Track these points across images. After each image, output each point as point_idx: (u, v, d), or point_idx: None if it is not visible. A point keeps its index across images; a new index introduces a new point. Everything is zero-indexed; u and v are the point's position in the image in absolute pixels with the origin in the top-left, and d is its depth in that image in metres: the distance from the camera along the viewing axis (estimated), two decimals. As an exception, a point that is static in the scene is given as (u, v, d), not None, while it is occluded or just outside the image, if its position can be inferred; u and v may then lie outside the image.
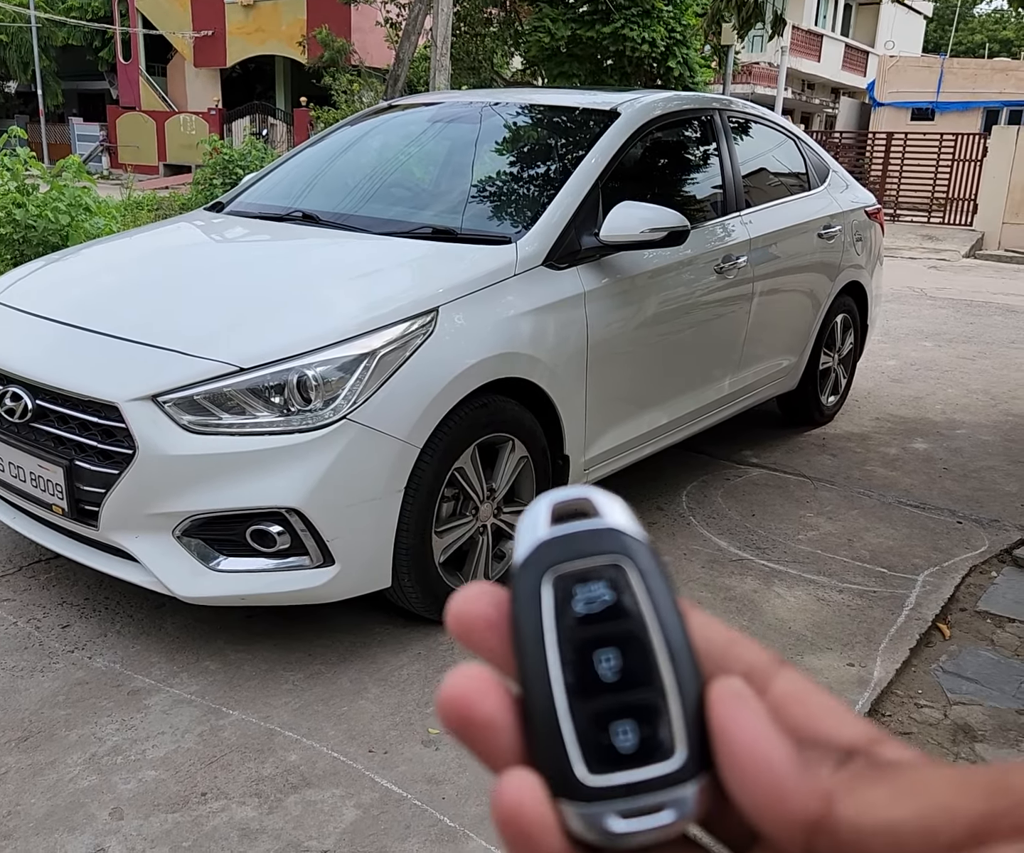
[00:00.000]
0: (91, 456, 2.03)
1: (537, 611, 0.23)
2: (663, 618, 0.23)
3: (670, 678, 0.22)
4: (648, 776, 0.22)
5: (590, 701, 0.22)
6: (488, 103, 3.19)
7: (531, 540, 0.24)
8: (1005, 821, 0.19)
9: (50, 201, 4.20)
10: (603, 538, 0.23)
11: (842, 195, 3.90)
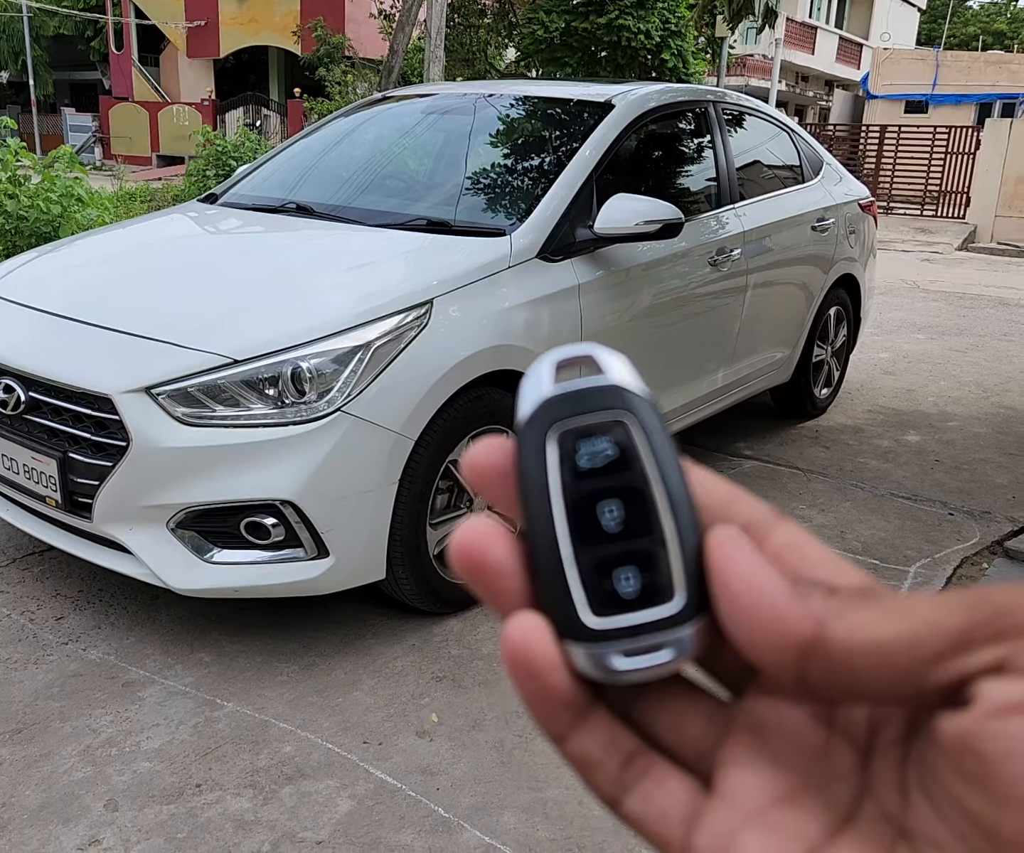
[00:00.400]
0: (84, 448, 2.02)
1: (542, 466, 0.23)
2: (664, 471, 0.23)
3: (670, 527, 0.23)
4: (649, 618, 0.23)
5: (593, 550, 0.23)
6: (482, 94, 3.18)
7: (535, 397, 0.24)
8: (984, 629, 0.20)
9: (42, 192, 4.16)
10: (606, 394, 0.24)
11: (836, 188, 3.91)
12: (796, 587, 0.22)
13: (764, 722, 0.23)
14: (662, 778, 0.24)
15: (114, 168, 12.80)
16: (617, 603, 0.23)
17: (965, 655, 0.20)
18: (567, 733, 0.24)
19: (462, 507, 2.27)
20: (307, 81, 19.54)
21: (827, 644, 0.21)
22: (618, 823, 0.82)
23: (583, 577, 0.23)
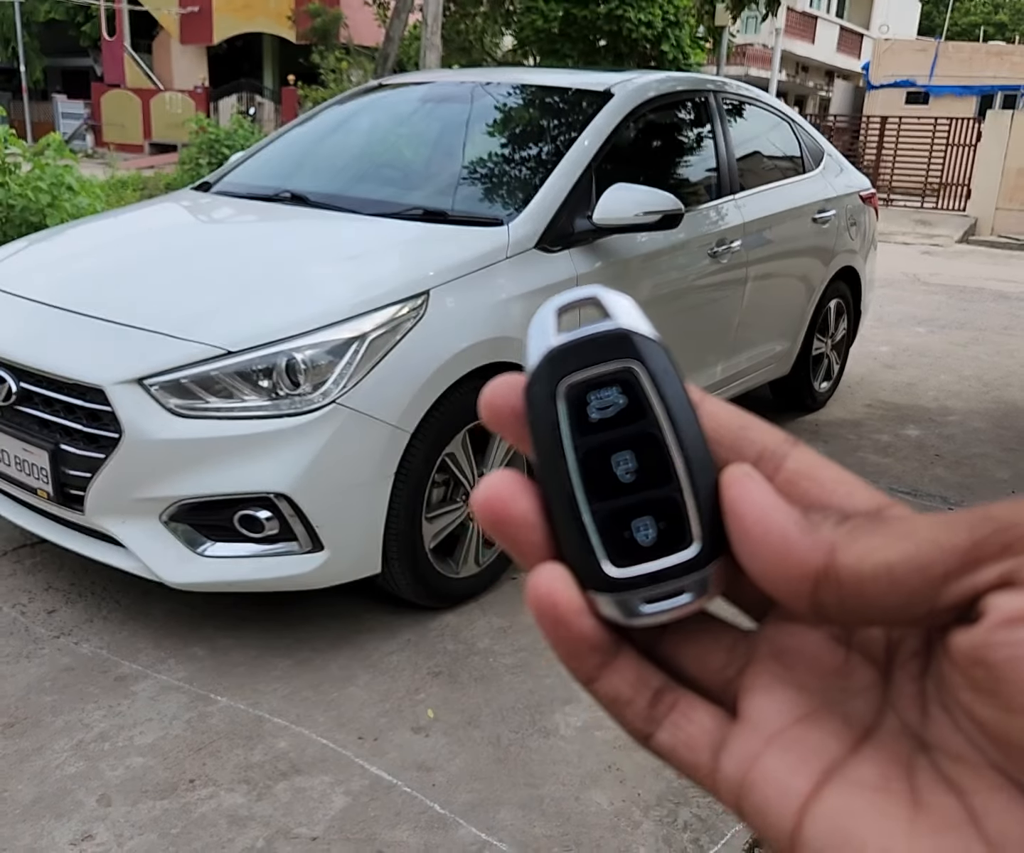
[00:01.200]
0: (76, 440, 2.00)
1: (553, 420, 0.24)
2: (676, 417, 0.24)
3: (684, 475, 0.23)
4: (668, 564, 0.23)
5: (610, 501, 0.24)
6: (480, 83, 3.14)
7: (541, 348, 0.24)
8: (989, 544, 0.20)
9: (32, 180, 4.11)
10: (613, 342, 0.24)
11: (837, 179, 3.88)
12: (807, 517, 0.22)
13: (783, 647, 0.24)
14: (689, 710, 0.24)
15: (105, 155, 12.70)
16: (636, 553, 0.24)
17: (973, 572, 0.20)
18: (596, 675, 0.25)
19: (458, 501, 2.25)
20: (302, 69, 19.40)
21: (838, 572, 0.21)
22: (615, 820, 0.81)
23: (601, 529, 0.24)
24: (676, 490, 0.23)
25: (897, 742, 0.22)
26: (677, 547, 0.23)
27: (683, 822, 1.70)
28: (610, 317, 0.24)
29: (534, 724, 1.91)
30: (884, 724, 0.22)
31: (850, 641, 0.24)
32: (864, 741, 0.22)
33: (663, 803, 1.73)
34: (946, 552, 0.20)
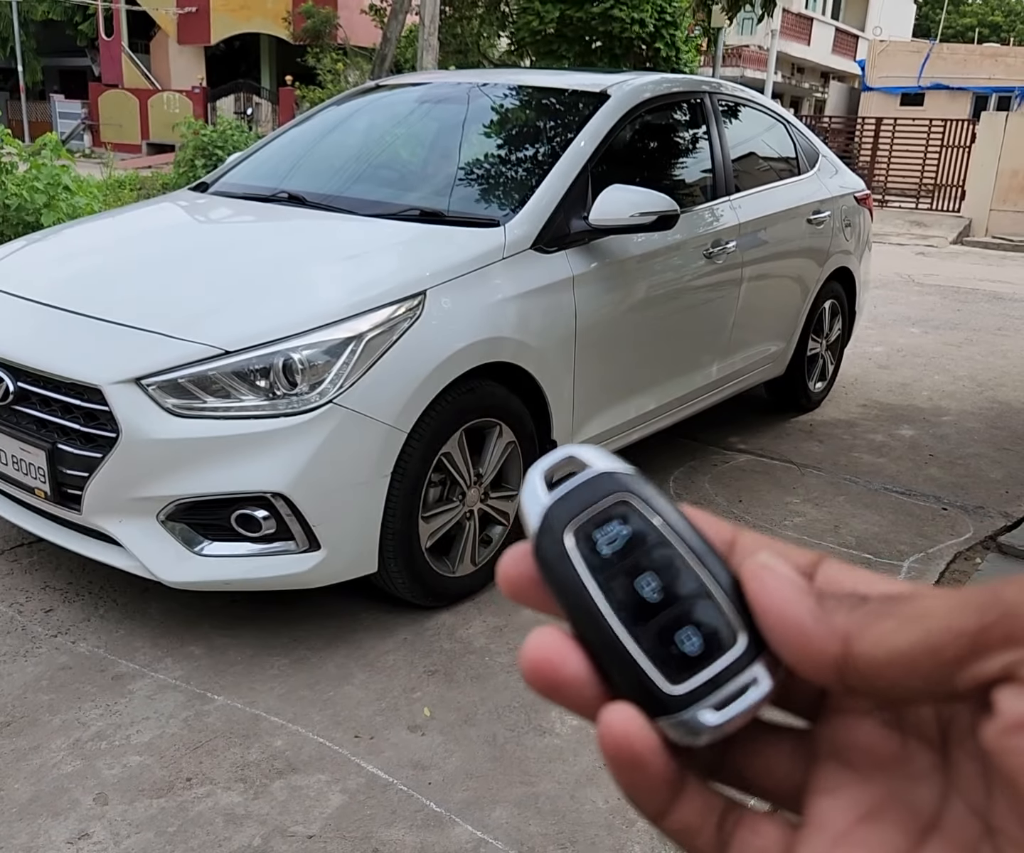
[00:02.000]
0: (74, 439, 2.00)
1: (570, 568, 0.24)
2: (679, 531, 0.25)
3: (708, 577, 0.24)
4: (723, 666, 0.24)
5: (649, 624, 0.24)
6: (477, 84, 3.15)
7: (538, 509, 0.25)
8: (994, 632, 0.20)
9: (28, 180, 4.10)
10: (600, 483, 0.25)
11: (831, 180, 3.90)
12: (822, 604, 0.23)
13: (840, 743, 0.24)
14: (755, 824, 0.24)
15: (103, 155, 12.66)
16: (689, 664, 0.24)
17: (980, 661, 0.20)
18: (667, 809, 0.24)
19: (454, 500, 2.26)
20: (299, 69, 19.37)
21: (855, 660, 0.22)
22: (610, 818, 0.82)
23: (649, 653, 0.24)
24: (705, 594, 0.24)
25: (963, 829, 0.22)
26: (725, 647, 0.24)
27: (678, 819, 1.70)
28: (589, 466, 0.25)
29: (530, 722, 1.92)
30: (950, 810, 0.22)
31: (903, 725, 0.23)
32: (931, 831, 0.22)
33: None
34: (956, 636, 0.20)
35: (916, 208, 13.96)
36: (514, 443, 2.36)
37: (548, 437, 2.48)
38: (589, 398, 2.59)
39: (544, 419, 2.45)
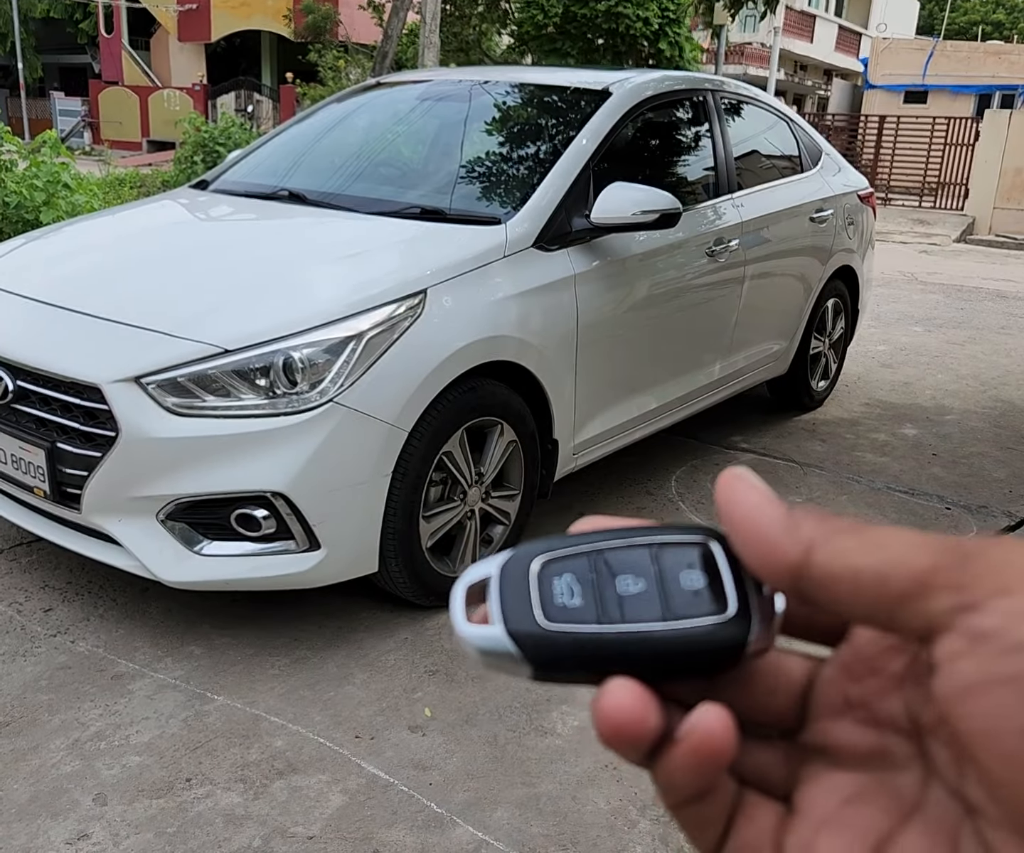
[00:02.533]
0: (73, 438, 1.99)
1: (569, 633, 0.25)
2: (595, 543, 0.26)
3: (651, 539, 0.26)
4: (730, 575, 0.26)
5: (664, 599, 0.25)
6: (478, 81, 3.13)
7: (495, 634, 0.25)
8: (943, 575, 0.21)
9: (28, 178, 4.09)
10: (512, 569, 0.26)
11: (834, 178, 3.88)
12: (790, 515, 0.24)
13: (821, 743, 0.25)
14: (751, 810, 0.26)
15: (102, 153, 12.64)
16: (709, 595, 0.26)
17: (922, 600, 0.21)
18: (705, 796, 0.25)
19: (455, 499, 2.25)
20: (300, 66, 19.35)
21: (811, 568, 0.23)
22: (612, 819, 0.81)
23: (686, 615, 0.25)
24: (660, 546, 0.26)
25: (945, 810, 0.22)
26: (716, 566, 0.26)
27: (680, 821, 1.70)
28: (488, 573, 0.26)
29: (531, 723, 1.91)
30: (931, 794, 0.23)
31: (878, 721, 0.24)
32: (913, 812, 0.23)
33: (660, 802, 1.73)
34: (906, 570, 0.21)
35: (919, 206, 13.92)
36: (515, 442, 2.35)
37: (549, 436, 2.47)
38: (591, 397, 2.58)
39: (546, 418, 2.44)
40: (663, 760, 0.24)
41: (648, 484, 3.15)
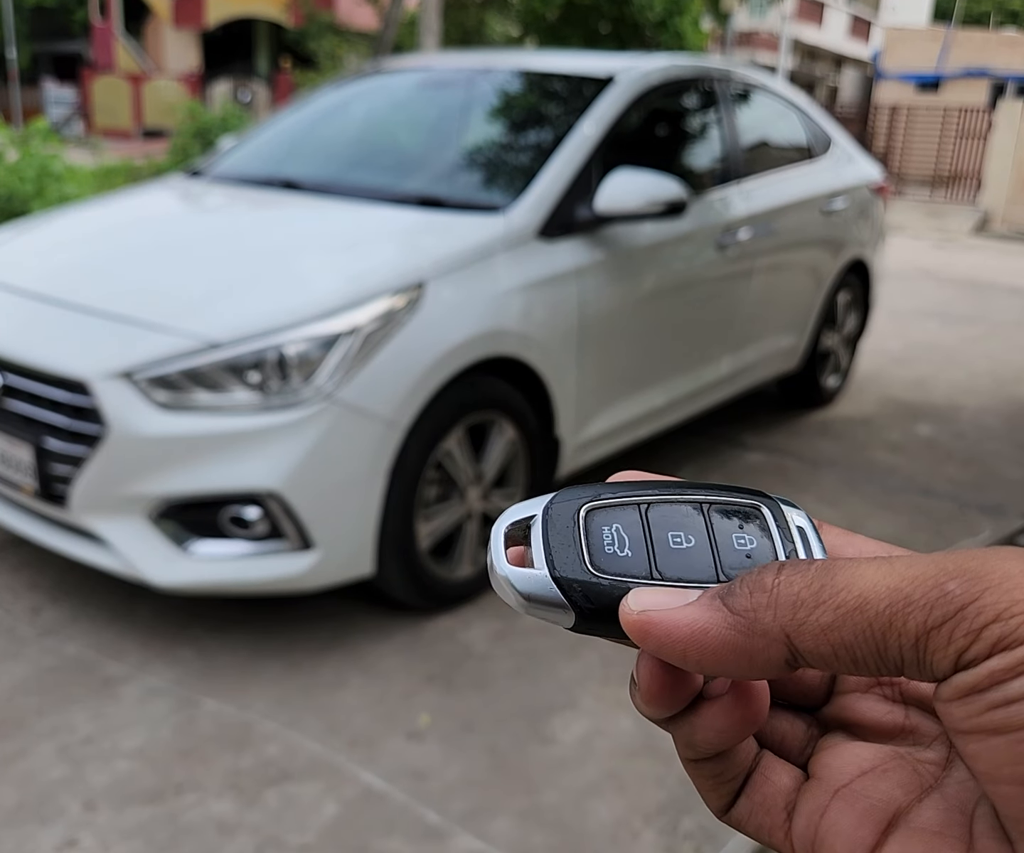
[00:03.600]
0: (61, 434, 1.94)
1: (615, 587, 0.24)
2: (644, 493, 0.26)
3: (699, 496, 0.26)
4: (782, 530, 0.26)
5: (718, 556, 0.25)
6: (479, 67, 3.06)
7: (542, 579, 0.25)
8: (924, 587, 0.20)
9: (19, 169, 4.04)
10: (561, 513, 0.26)
11: (846, 169, 3.79)
12: (739, 606, 0.23)
13: (846, 718, 0.26)
14: (769, 769, 0.26)
15: (92, 141, 12.59)
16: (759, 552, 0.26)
17: (903, 620, 0.20)
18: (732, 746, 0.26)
19: (454, 499, 2.19)
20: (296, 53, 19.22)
21: (804, 657, 0.22)
22: (615, 830, 0.75)
23: None
24: (708, 505, 0.26)
25: (963, 789, 0.22)
26: (763, 522, 0.26)
27: (684, 832, 1.64)
28: (533, 513, 0.26)
29: (532, 731, 1.86)
30: (951, 773, 0.23)
31: (905, 698, 0.25)
32: (932, 789, 0.23)
33: (664, 812, 1.68)
34: (895, 626, 0.20)
35: (931, 198, 13.75)
36: (517, 440, 2.29)
37: (551, 434, 2.41)
38: (594, 393, 2.51)
39: (548, 415, 2.38)
40: (691, 716, 0.24)
41: (654, 482, 3.08)
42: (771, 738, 0.26)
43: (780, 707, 0.27)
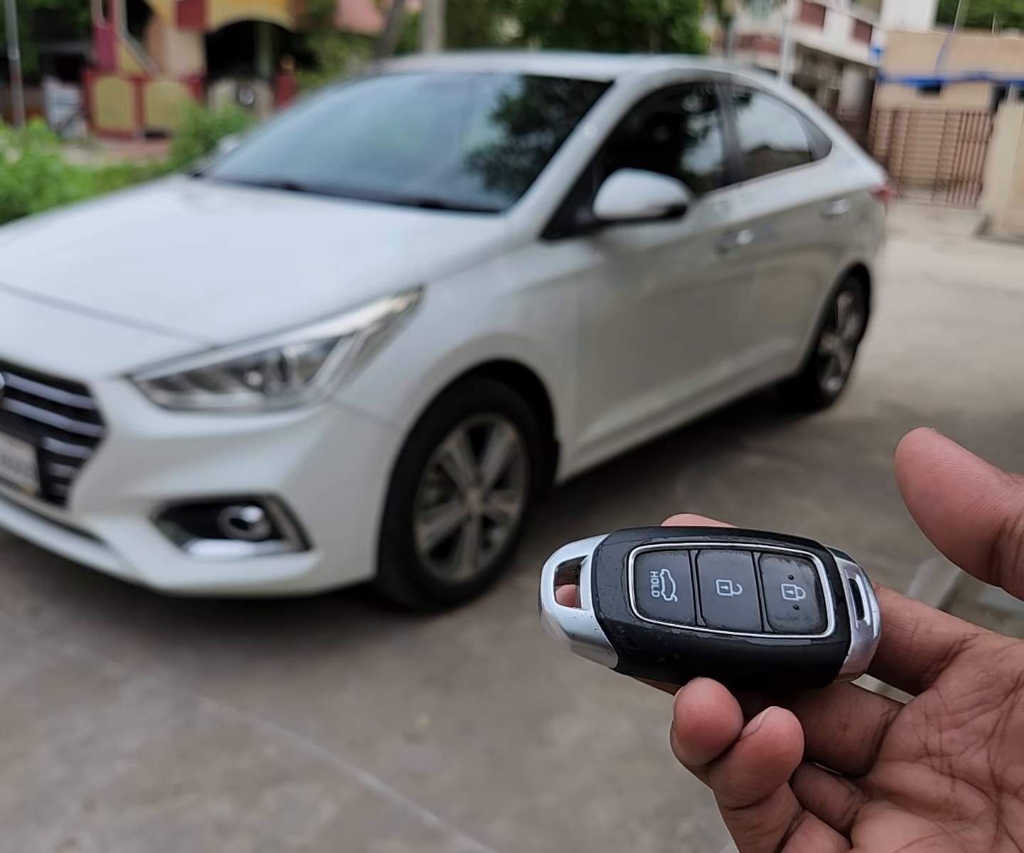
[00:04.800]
0: (62, 435, 1.95)
1: (666, 630, 0.25)
2: (694, 539, 0.26)
3: (751, 544, 0.26)
4: (832, 587, 0.26)
5: (764, 608, 0.25)
6: (481, 70, 3.06)
7: (588, 621, 0.25)
8: None
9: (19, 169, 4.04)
10: (609, 556, 0.26)
11: (848, 172, 3.79)
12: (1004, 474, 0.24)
13: (892, 787, 0.25)
14: (811, 830, 0.25)
15: (91, 142, 12.59)
16: (813, 608, 0.26)
17: None
18: (764, 800, 0.25)
19: (454, 501, 2.19)
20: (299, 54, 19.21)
21: None
22: (613, 832, 0.75)
23: (792, 630, 0.25)
24: (761, 552, 0.26)
25: None
26: (815, 575, 0.26)
27: (682, 834, 1.65)
28: (583, 555, 0.26)
29: (531, 733, 1.86)
30: (1001, 850, 0.23)
31: (954, 772, 0.24)
32: None
33: (662, 815, 1.68)
34: None
35: (932, 202, 13.74)
36: (517, 442, 2.29)
37: (552, 436, 2.41)
38: (595, 396, 2.51)
39: (548, 418, 2.38)
40: (725, 760, 0.24)
41: (653, 486, 3.08)
42: (812, 799, 0.26)
43: (822, 769, 0.26)
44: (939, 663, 0.25)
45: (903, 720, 0.26)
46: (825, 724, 0.26)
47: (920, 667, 0.26)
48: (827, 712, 0.26)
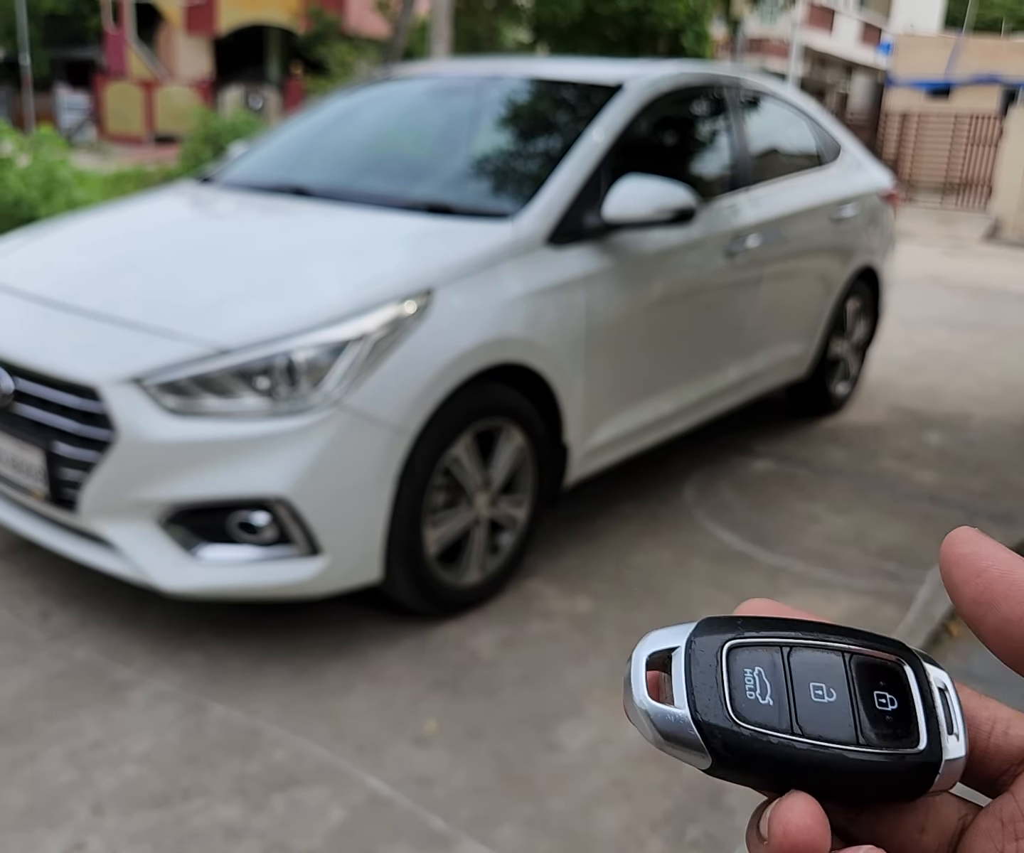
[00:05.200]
0: (71, 440, 1.95)
1: (769, 740, 0.24)
2: (787, 635, 0.26)
3: (843, 644, 0.26)
4: (925, 701, 0.26)
5: (857, 719, 0.25)
6: (489, 74, 3.07)
7: (681, 721, 0.24)
8: None
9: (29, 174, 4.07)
10: (700, 654, 0.25)
11: (856, 176, 3.78)
12: None
13: None
14: None
15: (101, 147, 12.68)
16: (903, 719, 0.26)
17: None
18: None
19: (462, 505, 2.19)
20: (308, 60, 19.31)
21: None
22: (622, 838, 0.74)
23: (881, 742, 0.25)
24: (851, 655, 0.26)
25: None
26: (908, 685, 0.26)
27: (691, 839, 1.64)
28: (674, 646, 0.26)
29: (539, 738, 1.85)
30: None
31: None
32: None
33: (671, 820, 1.67)
34: None
35: (941, 205, 13.68)
36: (525, 447, 2.29)
37: (559, 441, 2.41)
38: (603, 400, 2.51)
39: (556, 422, 2.37)
40: None
41: (662, 491, 3.07)
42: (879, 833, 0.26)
43: None
44: (1017, 766, 0.25)
45: (979, 826, 0.25)
46: (902, 827, 0.26)
47: (997, 770, 0.25)
48: (904, 815, 0.26)
